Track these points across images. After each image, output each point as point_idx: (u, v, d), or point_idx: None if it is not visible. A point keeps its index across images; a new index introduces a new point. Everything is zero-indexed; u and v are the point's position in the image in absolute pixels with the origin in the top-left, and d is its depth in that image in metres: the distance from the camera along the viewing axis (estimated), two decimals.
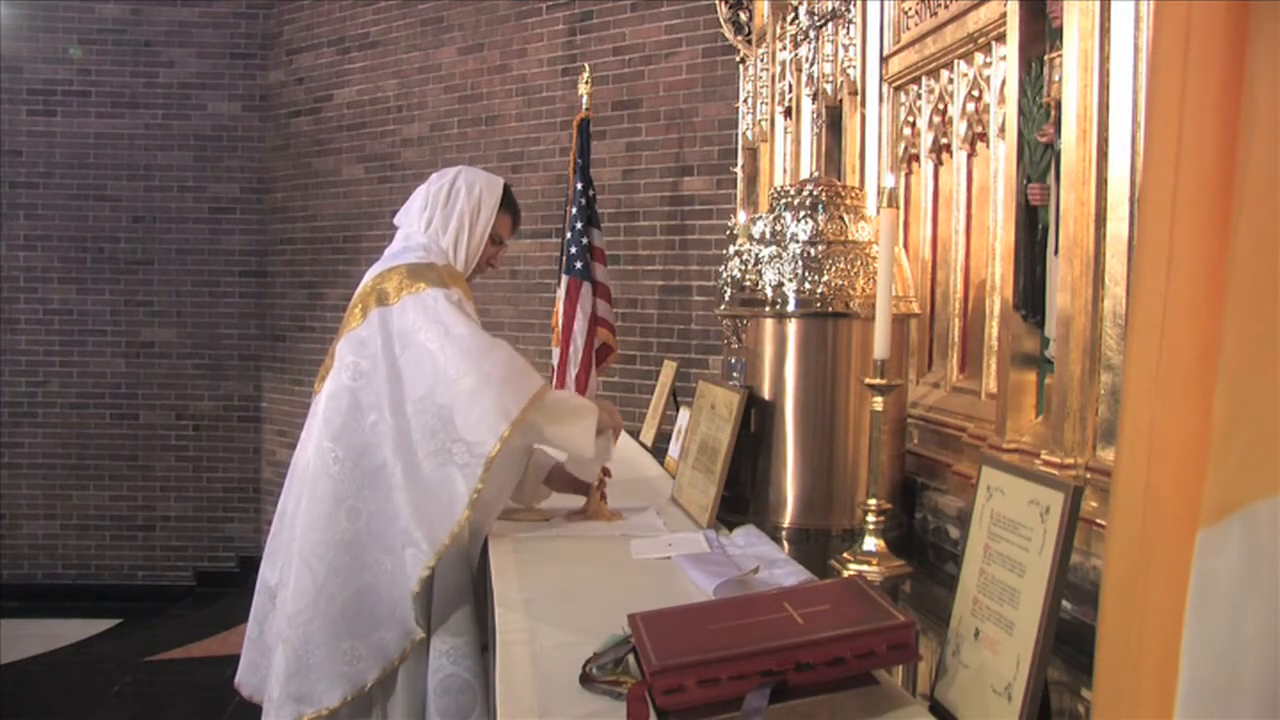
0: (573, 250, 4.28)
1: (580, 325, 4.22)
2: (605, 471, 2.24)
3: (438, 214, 2.24)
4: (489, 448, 1.93)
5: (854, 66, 2.71)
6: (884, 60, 2.59)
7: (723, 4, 3.95)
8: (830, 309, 2.09)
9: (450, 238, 2.24)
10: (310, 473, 2.10)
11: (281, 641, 2.07)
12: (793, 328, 2.13)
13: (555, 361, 4.30)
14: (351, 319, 2.15)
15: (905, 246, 2.46)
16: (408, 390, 2.03)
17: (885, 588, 1.67)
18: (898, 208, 2.43)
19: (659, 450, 3.03)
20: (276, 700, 2.06)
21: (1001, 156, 2.02)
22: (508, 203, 2.32)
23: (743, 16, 3.84)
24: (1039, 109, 1.81)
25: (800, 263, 2.11)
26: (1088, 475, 1.59)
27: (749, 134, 3.70)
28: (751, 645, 1.13)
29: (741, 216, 2.56)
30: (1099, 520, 1.50)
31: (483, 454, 1.93)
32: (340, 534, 2.03)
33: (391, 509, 2.02)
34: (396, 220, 2.31)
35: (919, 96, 2.45)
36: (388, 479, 2.04)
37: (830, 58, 2.83)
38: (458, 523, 1.95)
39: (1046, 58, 1.78)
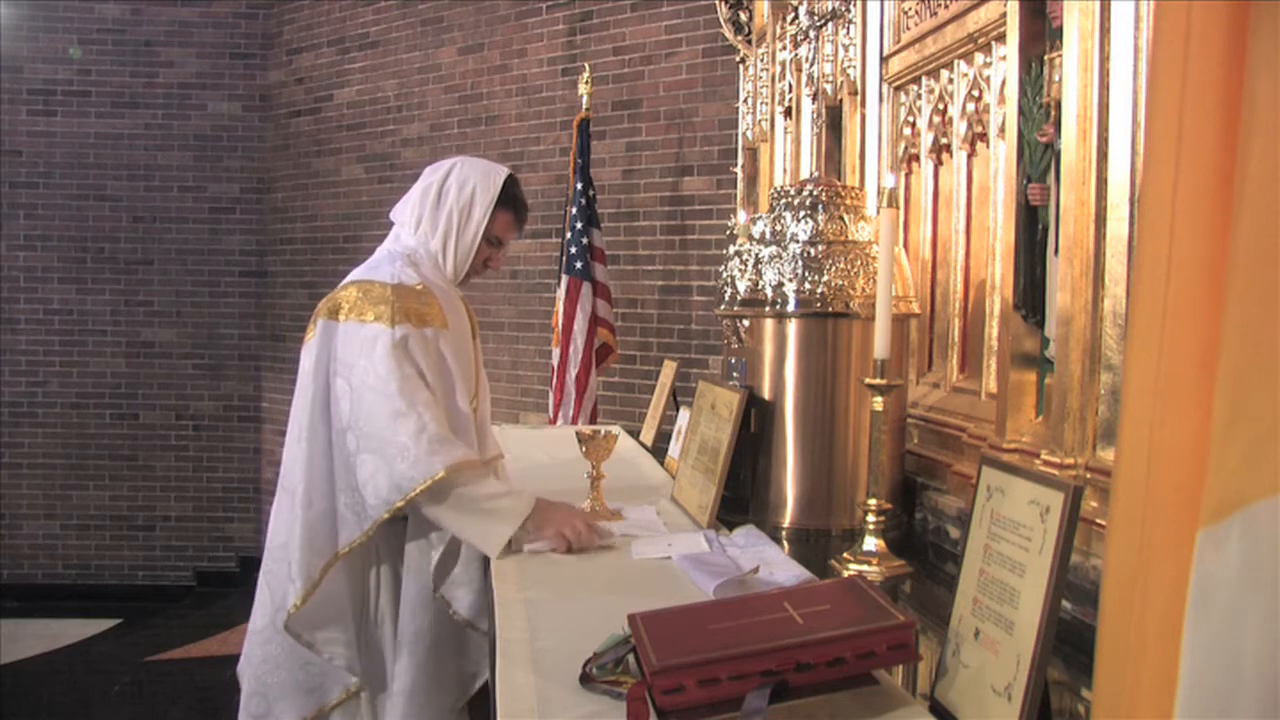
0: (573, 250, 4.29)
1: (580, 325, 4.22)
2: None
3: (426, 214, 2.09)
4: (378, 512, 1.89)
5: (854, 66, 2.70)
6: (884, 60, 2.59)
7: (723, 4, 3.95)
8: (830, 309, 2.09)
9: (439, 241, 2.09)
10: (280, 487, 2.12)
11: (246, 660, 2.07)
12: (793, 328, 2.13)
13: (555, 361, 4.31)
14: (310, 327, 2.07)
15: (905, 246, 2.46)
16: (333, 417, 1.96)
17: (885, 588, 1.67)
18: (898, 208, 2.43)
19: (659, 450, 3.02)
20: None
21: (1001, 156, 2.02)
22: (507, 199, 2.12)
23: (743, 16, 3.84)
24: (1039, 109, 1.81)
25: (800, 263, 2.11)
26: (1088, 475, 1.58)
27: (749, 134, 3.69)
28: (751, 645, 1.13)
29: (741, 216, 2.55)
30: (1099, 520, 1.50)
31: (372, 516, 1.91)
32: None
33: (286, 529, 2.02)
34: (393, 214, 2.17)
35: (919, 96, 2.45)
36: (291, 498, 2.02)
37: (830, 58, 2.83)
38: (328, 563, 1.96)
39: (1046, 58, 1.78)
